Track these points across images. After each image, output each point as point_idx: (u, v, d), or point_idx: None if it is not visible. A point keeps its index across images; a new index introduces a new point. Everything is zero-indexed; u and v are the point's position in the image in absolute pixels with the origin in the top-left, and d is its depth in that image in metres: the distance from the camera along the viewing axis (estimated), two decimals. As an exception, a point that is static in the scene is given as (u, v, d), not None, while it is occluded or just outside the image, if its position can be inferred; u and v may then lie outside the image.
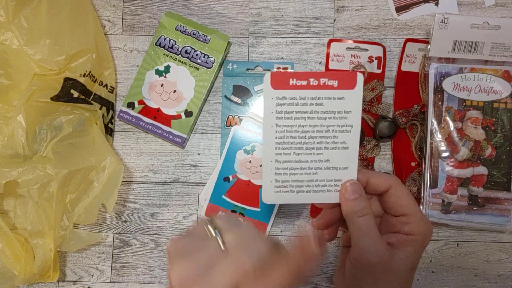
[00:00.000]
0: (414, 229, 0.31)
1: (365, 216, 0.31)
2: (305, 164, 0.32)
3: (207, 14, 0.55)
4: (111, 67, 0.54)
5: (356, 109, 0.31)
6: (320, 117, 0.31)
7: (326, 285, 0.52)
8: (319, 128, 0.31)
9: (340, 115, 0.31)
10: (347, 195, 0.31)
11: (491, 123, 0.49)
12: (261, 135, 0.52)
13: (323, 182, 0.32)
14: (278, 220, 0.52)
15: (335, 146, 0.32)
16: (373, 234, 0.31)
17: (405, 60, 0.53)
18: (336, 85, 0.30)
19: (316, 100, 0.31)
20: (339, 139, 0.31)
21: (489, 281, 0.51)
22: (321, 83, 0.30)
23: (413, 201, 0.32)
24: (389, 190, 0.32)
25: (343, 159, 0.32)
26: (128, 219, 0.54)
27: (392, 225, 0.33)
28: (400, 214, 0.32)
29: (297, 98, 0.30)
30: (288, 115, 0.31)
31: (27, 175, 0.46)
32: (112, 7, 0.56)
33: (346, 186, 0.32)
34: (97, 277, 0.53)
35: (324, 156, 0.32)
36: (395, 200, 0.32)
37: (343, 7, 0.55)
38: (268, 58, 0.55)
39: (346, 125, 0.31)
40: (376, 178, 0.32)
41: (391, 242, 0.32)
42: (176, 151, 0.54)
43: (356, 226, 0.31)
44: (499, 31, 0.49)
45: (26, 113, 0.47)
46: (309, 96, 0.30)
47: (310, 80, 0.30)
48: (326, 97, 0.31)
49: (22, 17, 0.48)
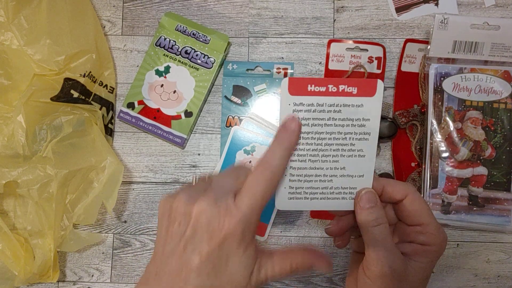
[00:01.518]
0: (430, 239, 0.31)
1: (380, 225, 0.30)
2: (320, 171, 0.31)
3: (207, 14, 0.55)
4: (111, 68, 0.54)
5: (375, 117, 0.30)
6: (337, 124, 0.30)
7: (326, 285, 0.52)
8: (336, 135, 0.31)
9: (358, 122, 0.30)
10: (362, 204, 0.31)
11: (491, 124, 0.49)
12: (261, 135, 0.52)
13: (338, 189, 0.32)
14: (278, 220, 0.52)
15: (351, 154, 0.31)
16: (388, 245, 0.30)
17: (405, 61, 0.53)
18: (355, 92, 0.30)
19: (334, 107, 0.30)
20: (356, 146, 0.31)
21: (489, 282, 0.51)
22: (340, 90, 0.30)
23: (429, 210, 0.31)
24: (405, 199, 0.31)
25: (359, 167, 0.31)
26: (128, 220, 0.54)
27: (406, 234, 0.32)
28: (416, 224, 0.31)
29: (315, 105, 0.30)
30: (305, 122, 0.30)
31: (27, 175, 0.46)
32: (112, 7, 0.56)
33: (361, 195, 0.31)
34: (97, 277, 0.53)
35: (340, 163, 0.31)
36: (411, 210, 0.31)
37: (343, 8, 0.55)
38: (268, 58, 0.55)
39: (363, 133, 0.31)
40: (392, 187, 0.32)
41: (405, 251, 0.31)
42: (176, 152, 0.54)
43: (370, 235, 0.30)
44: (499, 31, 0.49)
45: (26, 113, 0.47)
46: (327, 102, 0.30)
47: (329, 87, 0.30)
48: (345, 104, 0.30)
49: (22, 17, 0.48)
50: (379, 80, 0.30)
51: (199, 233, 0.26)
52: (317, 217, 0.52)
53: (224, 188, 0.28)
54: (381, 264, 0.30)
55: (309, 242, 0.52)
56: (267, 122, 0.53)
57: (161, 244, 0.28)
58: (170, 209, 0.28)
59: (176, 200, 0.28)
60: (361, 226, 0.31)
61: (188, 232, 0.27)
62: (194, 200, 0.27)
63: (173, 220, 0.27)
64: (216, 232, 0.26)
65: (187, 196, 0.27)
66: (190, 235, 0.26)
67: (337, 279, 0.52)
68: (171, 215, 0.28)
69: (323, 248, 0.52)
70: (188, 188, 0.29)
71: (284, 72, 0.53)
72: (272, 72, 0.53)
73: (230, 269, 0.26)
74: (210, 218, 0.26)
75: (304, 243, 0.52)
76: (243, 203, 0.27)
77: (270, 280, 0.28)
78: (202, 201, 0.27)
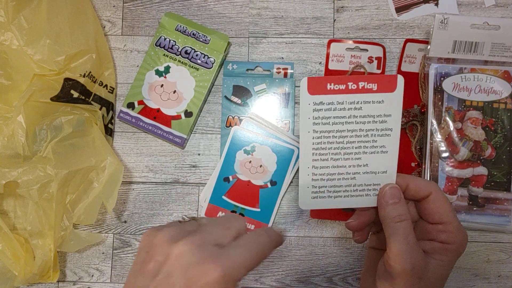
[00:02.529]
0: (451, 238, 0.31)
1: (404, 222, 0.30)
2: (343, 169, 0.31)
3: (207, 14, 0.55)
4: (111, 68, 0.54)
5: (396, 112, 0.30)
6: (358, 121, 0.30)
7: (326, 285, 0.52)
8: (358, 132, 0.31)
9: (379, 119, 0.30)
10: (386, 199, 0.31)
11: (491, 124, 0.49)
12: (261, 135, 0.52)
13: (361, 186, 0.32)
14: (278, 220, 0.52)
15: (374, 151, 0.31)
16: (411, 241, 0.30)
17: (405, 61, 0.53)
18: (375, 89, 0.30)
19: (355, 104, 0.30)
20: (378, 143, 0.31)
21: (489, 282, 0.51)
22: (360, 87, 0.30)
23: (452, 209, 0.31)
24: (429, 196, 0.31)
25: (382, 163, 0.31)
26: (128, 220, 0.54)
27: (427, 232, 0.32)
28: (437, 222, 0.31)
29: (335, 103, 0.30)
30: (325, 121, 0.30)
31: (27, 176, 0.46)
32: (112, 8, 0.56)
33: (385, 190, 0.31)
34: (97, 277, 0.53)
35: (363, 160, 0.31)
36: (433, 207, 0.31)
37: (343, 8, 0.55)
38: (268, 58, 0.55)
39: (385, 129, 0.31)
40: (416, 184, 0.31)
41: (426, 249, 0.31)
42: (176, 152, 0.54)
43: (393, 231, 0.30)
44: (499, 31, 0.49)
45: (26, 114, 0.47)
46: (347, 100, 0.30)
47: (349, 84, 0.30)
48: (365, 101, 0.30)
49: (22, 17, 0.48)
50: (399, 75, 0.30)
51: (174, 277, 0.24)
52: (317, 217, 0.52)
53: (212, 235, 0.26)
54: (403, 260, 0.29)
55: (309, 242, 0.52)
56: (267, 122, 0.53)
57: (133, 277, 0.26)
58: (150, 243, 0.26)
59: (158, 235, 0.26)
60: (384, 221, 0.31)
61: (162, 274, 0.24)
62: (176, 240, 0.25)
63: (150, 256, 0.25)
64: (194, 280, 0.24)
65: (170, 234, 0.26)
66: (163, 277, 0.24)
67: (337, 279, 0.52)
68: (150, 251, 0.26)
69: (322, 248, 0.52)
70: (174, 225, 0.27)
71: (284, 72, 0.53)
72: (272, 72, 0.53)
73: None
74: (190, 263, 0.24)
75: (303, 243, 0.52)
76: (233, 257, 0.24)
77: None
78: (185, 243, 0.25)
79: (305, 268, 0.52)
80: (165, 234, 0.26)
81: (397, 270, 0.30)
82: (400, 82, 0.30)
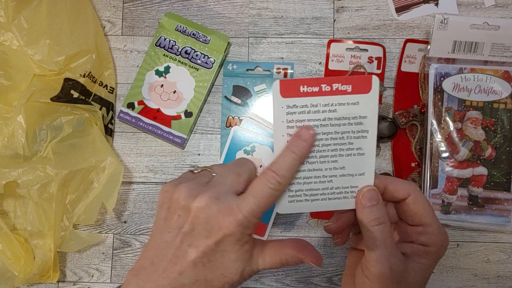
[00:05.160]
0: (431, 240, 0.30)
1: (382, 225, 0.29)
2: (319, 173, 0.31)
3: (207, 14, 0.55)
4: (111, 68, 0.54)
5: (372, 113, 0.30)
6: (333, 124, 0.30)
7: (326, 285, 0.52)
8: (333, 135, 0.30)
9: (355, 120, 0.30)
10: (364, 202, 0.30)
11: (491, 124, 0.49)
12: (261, 135, 0.52)
13: (338, 189, 0.31)
14: (278, 220, 0.52)
15: (350, 153, 0.30)
16: (388, 245, 0.29)
17: (405, 61, 0.53)
18: (350, 90, 0.29)
19: (329, 106, 0.29)
20: (355, 145, 0.30)
21: (488, 282, 0.51)
22: (334, 88, 0.29)
23: (432, 211, 0.31)
24: (408, 198, 0.31)
25: (359, 166, 0.31)
26: (128, 220, 0.54)
27: (407, 234, 0.32)
28: (417, 224, 0.31)
29: (309, 106, 0.29)
30: (299, 124, 0.30)
31: (27, 176, 0.46)
32: (112, 8, 0.56)
33: (363, 192, 0.30)
34: (97, 277, 0.53)
35: (339, 163, 0.31)
36: (413, 209, 0.31)
37: (343, 8, 0.55)
38: (268, 58, 0.55)
39: (361, 131, 0.30)
40: (395, 185, 0.31)
41: (406, 252, 0.31)
42: (176, 152, 0.54)
43: (371, 235, 0.29)
44: (499, 31, 0.49)
45: (26, 114, 0.47)
46: (321, 103, 0.29)
47: (322, 86, 0.29)
48: (340, 103, 0.29)
49: (22, 17, 0.48)
50: (374, 76, 0.29)
51: (197, 229, 0.27)
52: (317, 217, 0.52)
53: (226, 185, 0.28)
54: (380, 264, 0.29)
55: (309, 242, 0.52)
56: (267, 122, 0.53)
57: (159, 233, 0.28)
58: (170, 200, 0.28)
59: (176, 191, 0.28)
60: (362, 225, 0.30)
61: (186, 227, 0.27)
62: (194, 195, 0.27)
63: (172, 212, 0.28)
64: (214, 231, 0.27)
65: (188, 189, 0.28)
66: (188, 230, 0.27)
67: (337, 279, 0.52)
68: (171, 207, 0.28)
69: (323, 248, 0.52)
70: (189, 179, 0.29)
71: (284, 72, 0.53)
72: (272, 72, 0.53)
73: (225, 264, 0.27)
74: (210, 216, 0.27)
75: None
76: (246, 206, 0.27)
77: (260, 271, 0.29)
78: (203, 197, 0.27)
79: (305, 268, 0.52)
80: (183, 189, 0.28)
81: (375, 274, 0.29)
82: (375, 83, 0.29)
